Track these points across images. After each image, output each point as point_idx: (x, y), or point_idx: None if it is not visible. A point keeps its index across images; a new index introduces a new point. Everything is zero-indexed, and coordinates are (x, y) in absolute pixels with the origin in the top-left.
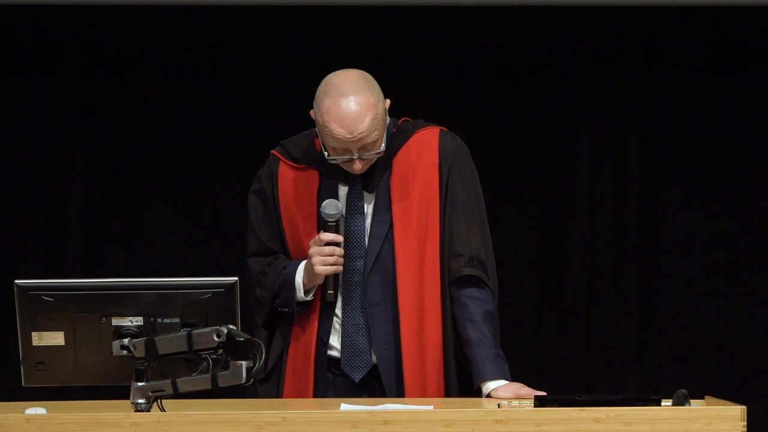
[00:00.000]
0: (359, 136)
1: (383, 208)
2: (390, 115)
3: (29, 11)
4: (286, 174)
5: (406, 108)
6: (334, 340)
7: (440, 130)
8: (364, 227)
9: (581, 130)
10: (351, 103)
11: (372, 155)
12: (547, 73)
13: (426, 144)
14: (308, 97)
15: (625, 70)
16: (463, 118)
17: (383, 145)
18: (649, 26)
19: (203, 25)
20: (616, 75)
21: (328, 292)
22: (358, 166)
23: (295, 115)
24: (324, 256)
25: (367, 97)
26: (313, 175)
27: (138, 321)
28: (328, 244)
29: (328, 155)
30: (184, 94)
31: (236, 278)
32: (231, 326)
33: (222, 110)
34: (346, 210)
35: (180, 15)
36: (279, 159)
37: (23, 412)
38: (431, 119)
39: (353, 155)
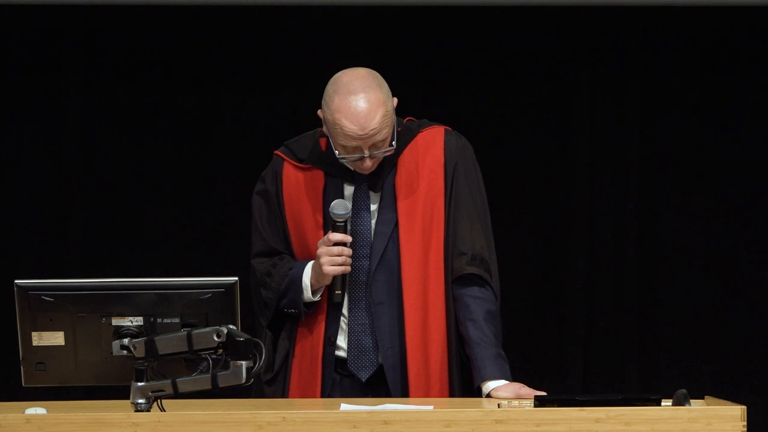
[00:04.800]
0: (370, 132)
1: (388, 207)
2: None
3: (29, 11)
4: (291, 174)
5: (406, 108)
6: (341, 340)
7: (445, 129)
8: (370, 226)
9: (581, 130)
10: (361, 101)
11: (382, 153)
12: (547, 73)
13: (431, 143)
14: (308, 98)
15: (625, 70)
16: (463, 117)
17: (393, 142)
18: (649, 26)
19: (203, 25)
20: (616, 75)
21: (336, 292)
22: (368, 164)
23: (295, 115)
24: (332, 257)
25: (377, 94)
26: (319, 175)
27: (138, 321)
28: (336, 244)
29: (339, 154)
30: (184, 94)
31: (236, 278)
32: (231, 326)
33: (222, 110)
34: (352, 210)
35: (180, 15)
36: (283, 159)
37: (23, 412)
38: (431, 119)
39: (364, 153)
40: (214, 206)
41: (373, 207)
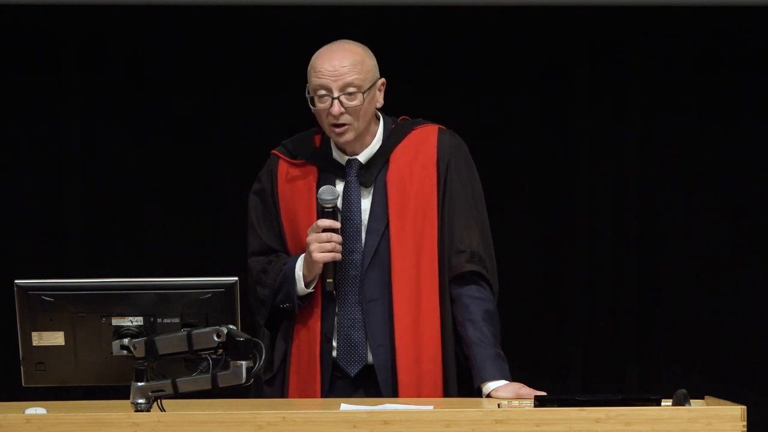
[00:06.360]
0: (340, 70)
1: (380, 204)
2: (389, 115)
3: (29, 11)
4: (285, 171)
5: (406, 108)
6: (333, 337)
7: (439, 127)
8: (361, 222)
9: (581, 130)
10: (338, 47)
11: (352, 106)
12: (547, 73)
13: (424, 141)
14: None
15: (625, 70)
16: (463, 118)
17: (365, 96)
18: (649, 26)
19: (203, 25)
20: (616, 75)
21: (327, 280)
22: (336, 109)
23: (295, 115)
24: (322, 243)
25: (356, 46)
26: (312, 171)
27: (138, 321)
28: (325, 230)
29: (311, 101)
30: (184, 94)
31: (236, 278)
32: (231, 326)
33: (222, 110)
34: (343, 205)
35: (180, 15)
36: (279, 157)
37: (23, 412)
38: (431, 119)
39: (333, 95)
40: (213, 206)
41: (365, 203)
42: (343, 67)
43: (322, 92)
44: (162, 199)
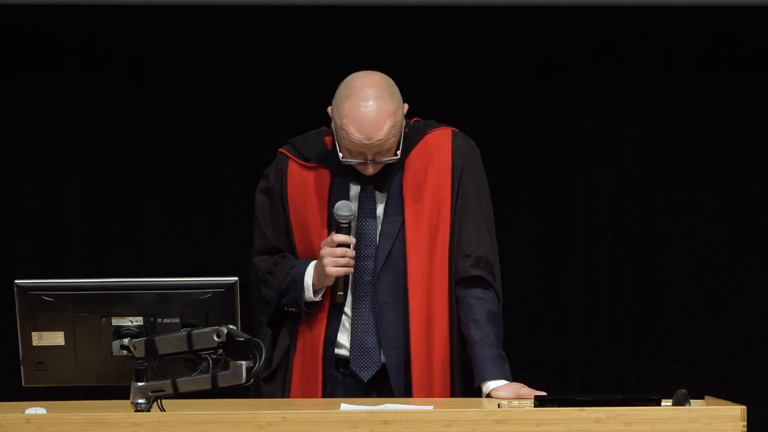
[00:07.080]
0: (376, 142)
1: (395, 208)
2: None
3: (29, 11)
4: (296, 173)
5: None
6: (343, 339)
7: (452, 131)
8: (376, 226)
9: (581, 130)
10: (371, 109)
11: (386, 161)
12: (547, 73)
13: (439, 145)
14: (308, 97)
15: (625, 70)
16: (463, 118)
17: (399, 152)
18: (649, 26)
19: (203, 25)
20: (616, 75)
21: (338, 293)
22: (370, 171)
23: (296, 115)
24: (336, 258)
25: (387, 104)
26: (325, 174)
27: (138, 321)
28: (340, 245)
29: (342, 156)
30: (184, 94)
31: (236, 278)
32: (231, 326)
33: (222, 110)
34: (357, 209)
35: (180, 15)
36: (288, 157)
37: (23, 412)
38: (432, 119)
39: (367, 158)
40: (213, 206)
41: (380, 207)
42: (378, 140)
43: (355, 154)
44: (162, 199)
